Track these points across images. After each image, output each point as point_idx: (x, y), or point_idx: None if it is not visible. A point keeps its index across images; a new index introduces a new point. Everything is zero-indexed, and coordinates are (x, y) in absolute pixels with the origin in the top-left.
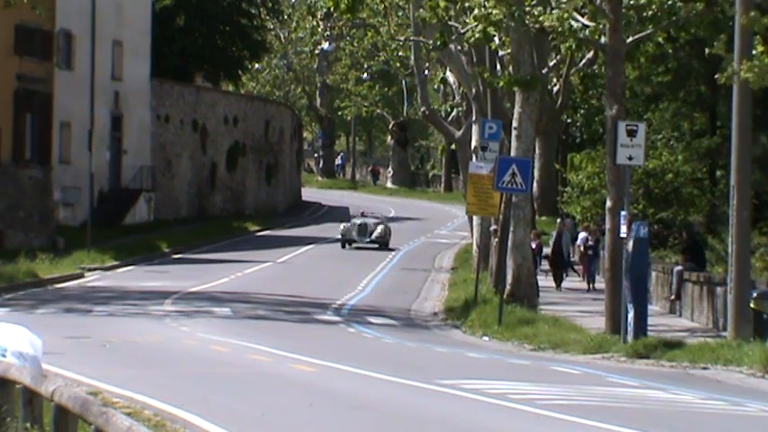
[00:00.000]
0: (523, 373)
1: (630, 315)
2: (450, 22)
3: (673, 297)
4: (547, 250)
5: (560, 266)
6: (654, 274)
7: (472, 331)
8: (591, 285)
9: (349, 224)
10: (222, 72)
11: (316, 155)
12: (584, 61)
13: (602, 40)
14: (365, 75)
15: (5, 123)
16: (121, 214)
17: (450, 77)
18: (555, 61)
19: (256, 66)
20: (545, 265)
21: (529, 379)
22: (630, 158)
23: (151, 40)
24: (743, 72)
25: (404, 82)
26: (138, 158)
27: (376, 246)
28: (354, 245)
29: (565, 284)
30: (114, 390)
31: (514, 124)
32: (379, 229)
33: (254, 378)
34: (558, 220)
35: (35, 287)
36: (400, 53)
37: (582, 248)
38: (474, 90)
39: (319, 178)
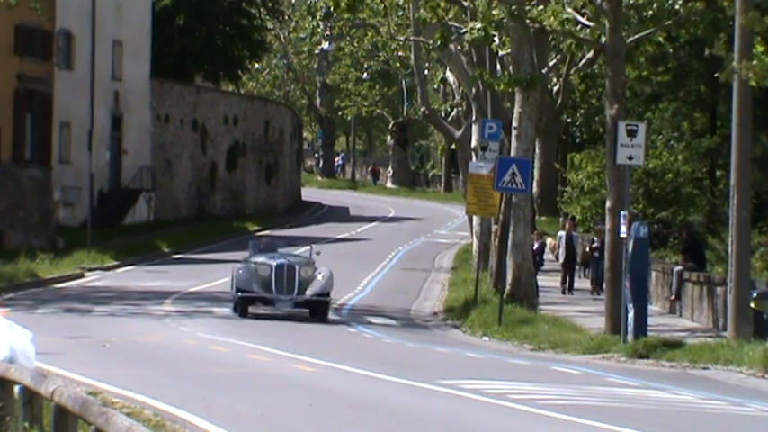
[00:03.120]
0: (523, 373)
1: (630, 315)
2: (450, 22)
3: (673, 297)
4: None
5: (572, 269)
6: (654, 274)
7: (472, 331)
8: (597, 287)
9: (249, 264)
10: (222, 72)
11: (316, 155)
12: (584, 61)
13: (603, 40)
14: (365, 75)
15: (5, 123)
16: (121, 214)
17: (450, 77)
18: (555, 61)
19: (256, 66)
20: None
21: (529, 379)
22: (630, 158)
23: (151, 40)
24: (743, 71)
25: (404, 82)
26: (138, 158)
27: (308, 311)
28: (265, 309)
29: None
30: (114, 390)
31: (514, 124)
32: (320, 277)
33: (254, 378)
34: (568, 221)
35: (35, 287)
36: (400, 53)
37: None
38: (474, 90)
39: (319, 178)
